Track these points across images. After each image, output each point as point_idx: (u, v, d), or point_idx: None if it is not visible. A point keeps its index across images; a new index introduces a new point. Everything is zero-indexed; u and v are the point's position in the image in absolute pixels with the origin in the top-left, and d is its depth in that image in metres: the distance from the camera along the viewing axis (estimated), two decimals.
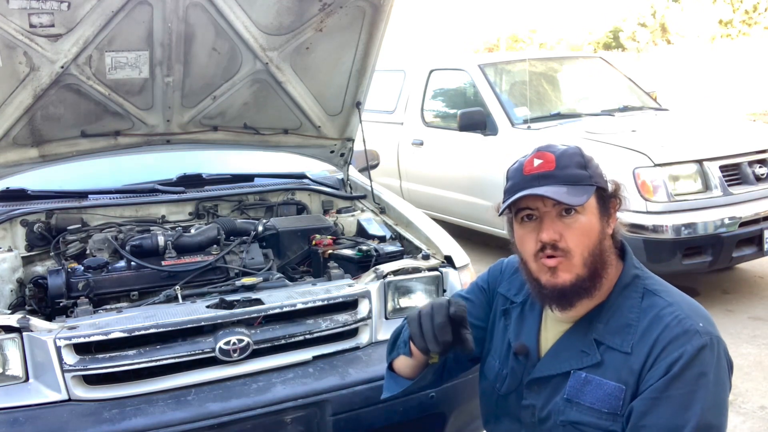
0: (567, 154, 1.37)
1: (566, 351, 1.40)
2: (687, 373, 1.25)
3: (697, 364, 1.25)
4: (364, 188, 3.11)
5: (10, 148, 2.55)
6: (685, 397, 1.24)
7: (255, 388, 1.96)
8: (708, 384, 1.25)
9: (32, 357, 1.85)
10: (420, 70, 6.23)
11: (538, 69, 5.89)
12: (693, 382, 1.25)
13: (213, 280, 2.36)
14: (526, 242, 1.38)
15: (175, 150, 2.94)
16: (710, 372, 1.26)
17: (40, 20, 2.17)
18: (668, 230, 3.97)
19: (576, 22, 25.61)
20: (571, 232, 1.33)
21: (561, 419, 1.36)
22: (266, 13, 2.47)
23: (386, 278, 2.25)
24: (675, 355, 1.26)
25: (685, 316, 1.30)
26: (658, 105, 5.86)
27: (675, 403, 1.24)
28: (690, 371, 1.25)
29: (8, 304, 2.22)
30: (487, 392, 1.56)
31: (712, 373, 1.26)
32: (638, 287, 1.39)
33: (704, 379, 1.25)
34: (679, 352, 1.26)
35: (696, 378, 1.25)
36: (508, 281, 1.60)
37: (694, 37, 19.64)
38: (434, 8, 27.63)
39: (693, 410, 1.23)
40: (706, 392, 1.25)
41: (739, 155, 4.33)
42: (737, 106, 12.57)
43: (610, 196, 1.40)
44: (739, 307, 4.32)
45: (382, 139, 5.90)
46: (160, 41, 2.41)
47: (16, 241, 2.49)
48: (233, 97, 2.76)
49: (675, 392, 1.24)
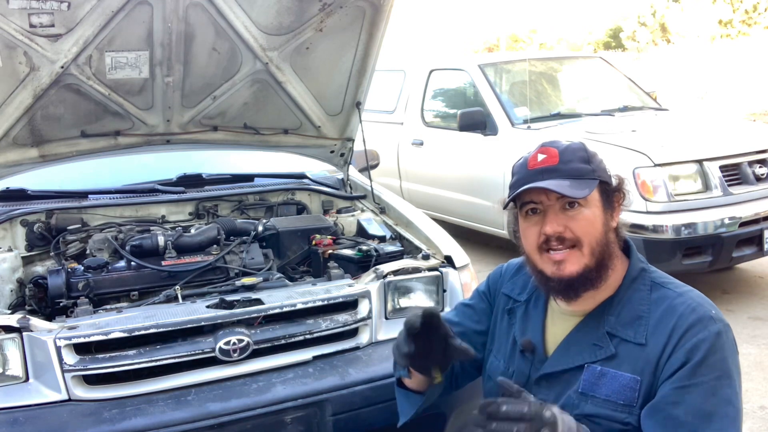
0: (570, 149, 1.39)
1: (577, 345, 1.41)
2: (710, 358, 1.27)
3: (718, 349, 1.28)
4: (364, 188, 3.11)
5: (10, 148, 2.55)
6: (712, 382, 1.26)
7: (255, 388, 1.96)
8: (729, 368, 1.28)
9: (32, 357, 1.85)
10: (420, 70, 6.23)
11: (538, 69, 5.89)
12: (717, 367, 1.27)
13: (213, 280, 2.36)
14: (530, 235, 1.41)
15: (175, 150, 2.94)
16: (729, 356, 1.29)
17: (40, 20, 2.17)
18: (668, 230, 3.97)
19: (576, 22, 25.62)
20: (576, 224, 1.35)
21: (575, 413, 1.36)
22: (266, 13, 2.47)
23: (386, 278, 2.25)
24: (694, 341, 1.28)
25: (697, 305, 1.33)
26: (658, 105, 5.86)
27: (703, 390, 1.25)
28: (713, 356, 1.27)
29: (8, 304, 2.22)
30: (493, 392, 1.56)
31: (731, 357, 1.29)
32: (646, 280, 1.41)
33: (725, 364, 1.28)
34: (699, 338, 1.28)
35: (719, 363, 1.27)
36: (510, 282, 1.62)
37: (694, 37, 19.63)
38: (434, 8, 27.65)
39: (720, 395, 1.25)
40: (729, 377, 1.27)
41: (739, 155, 4.33)
42: (737, 106, 12.56)
43: (613, 190, 1.42)
44: (739, 307, 4.32)
45: (382, 139, 5.91)
46: (160, 41, 2.41)
47: (16, 241, 2.50)
48: (233, 97, 2.76)
49: (702, 378, 1.26)
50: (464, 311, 1.68)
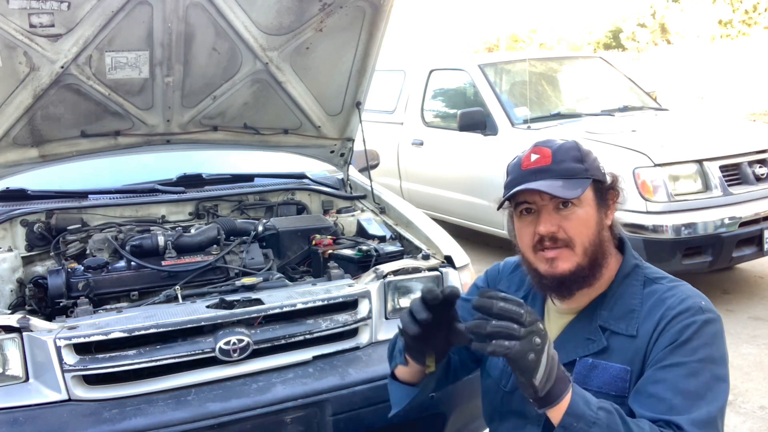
0: (563, 149, 1.40)
1: (571, 341, 1.42)
2: (695, 341, 1.27)
3: (703, 335, 1.28)
4: (364, 188, 3.10)
5: (10, 148, 2.55)
6: (694, 364, 1.26)
7: (255, 388, 1.96)
8: (713, 355, 1.28)
9: (32, 357, 1.85)
10: (420, 70, 6.23)
11: (538, 69, 5.89)
12: (701, 351, 1.27)
13: (213, 280, 2.36)
14: (524, 235, 1.42)
15: (175, 150, 2.93)
16: (715, 345, 1.29)
17: (40, 20, 2.17)
18: (668, 230, 3.97)
19: (576, 22, 25.59)
20: (569, 223, 1.36)
21: None
22: (266, 13, 2.47)
23: (386, 278, 2.25)
24: (680, 326, 1.29)
25: (686, 297, 1.34)
26: (658, 105, 5.86)
27: (684, 370, 1.26)
28: (698, 340, 1.27)
29: (8, 304, 2.22)
30: (492, 390, 1.57)
31: (716, 346, 1.29)
32: (639, 276, 1.42)
33: (709, 350, 1.28)
34: (685, 323, 1.29)
35: (703, 347, 1.27)
36: (507, 279, 1.62)
37: (694, 37, 19.63)
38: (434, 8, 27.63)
39: (702, 378, 1.25)
40: (713, 363, 1.27)
41: (739, 155, 4.33)
42: (737, 106, 12.56)
43: (608, 188, 1.42)
44: (739, 307, 4.32)
45: (382, 139, 5.91)
46: (160, 41, 2.41)
47: (16, 241, 2.49)
48: (233, 97, 2.76)
49: (684, 359, 1.26)
50: (464, 306, 1.67)
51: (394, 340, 1.63)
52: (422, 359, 1.41)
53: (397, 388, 1.58)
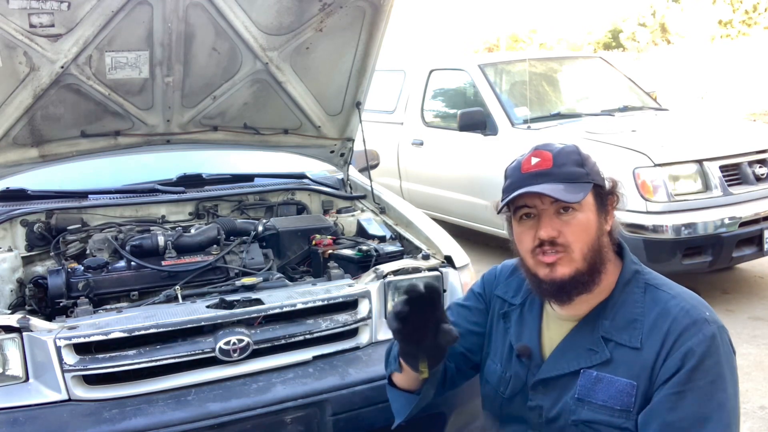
0: (564, 153, 1.39)
1: (573, 350, 1.40)
2: (705, 362, 1.27)
3: (713, 352, 1.28)
4: (364, 188, 3.10)
5: (10, 148, 2.55)
6: (707, 387, 1.26)
7: (255, 388, 1.96)
8: (724, 371, 1.28)
9: (32, 357, 1.85)
10: (420, 70, 6.23)
11: (538, 69, 5.89)
12: (712, 371, 1.27)
13: (213, 280, 2.36)
14: (524, 239, 1.40)
15: (175, 150, 2.93)
16: (724, 359, 1.29)
17: (40, 20, 2.17)
18: (668, 230, 3.97)
19: (576, 22, 25.58)
20: (569, 228, 1.35)
21: (573, 419, 1.36)
22: (266, 13, 2.47)
23: (386, 278, 2.25)
24: (689, 344, 1.28)
25: (691, 307, 1.33)
26: (658, 105, 5.86)
27: (698, 395, 1.26)
28: (708, 360, 1.27)
29: (8, 304, 2.22)
30: (491, 396, 1.56)
31: (725, 359, 1.29)
32: (639, 282, 1.40)
33: (720, 367, 1.28)
34: (693, 342, 1.28)
35: (714, 366, 1.27)
36: (504, 284, 1.61)
37: (694, 37, 19.63)
38: (434, 8, 27.63)
39: (716, 398, 1.26)
40: (724, 379, 1.27)
41: (739, 155, 4.33)
42: (737, 106, 12.56)
43: (607, 193, 1.41)
44: (739, 307, 4.32)
45: (382, 139, 5.90)
46: (160, 41, 2.41)
47: (16, 241, 2.49)
48: (233, 97, 2.76)
49: (697, 383, 1.26)
50: (459, 311, 1.66)
51: (390, 346, 1.63)
52: (416, 364, 1.40)
53: (398, 397, 1.58)
